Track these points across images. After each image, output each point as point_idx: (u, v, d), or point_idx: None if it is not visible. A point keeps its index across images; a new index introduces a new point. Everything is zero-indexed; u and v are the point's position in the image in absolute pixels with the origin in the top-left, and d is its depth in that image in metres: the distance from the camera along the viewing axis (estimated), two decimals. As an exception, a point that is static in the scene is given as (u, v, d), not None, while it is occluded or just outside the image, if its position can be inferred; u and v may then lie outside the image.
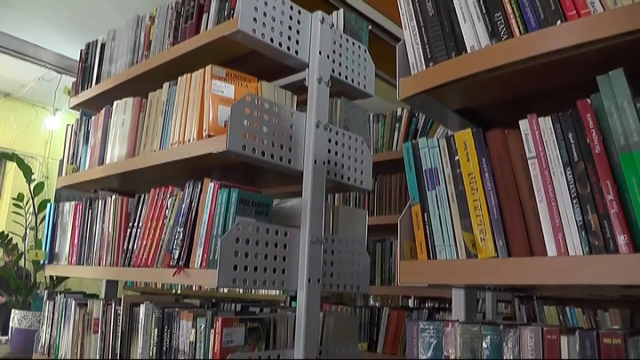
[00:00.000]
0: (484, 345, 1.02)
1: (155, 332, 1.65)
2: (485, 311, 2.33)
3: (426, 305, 3.67)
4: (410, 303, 3.89)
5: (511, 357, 0.99)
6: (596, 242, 0.91)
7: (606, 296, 4.67)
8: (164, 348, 1.63)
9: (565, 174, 0.96)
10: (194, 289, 4.53)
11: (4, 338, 3.19)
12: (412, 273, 1.09)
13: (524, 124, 1.02)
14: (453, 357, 1.05)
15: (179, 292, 4.61)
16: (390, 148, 3.18)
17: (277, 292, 4.07)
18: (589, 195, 0.93)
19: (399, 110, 3.25)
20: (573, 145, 0.96)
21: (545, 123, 1.00)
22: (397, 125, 3.20)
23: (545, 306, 4.14)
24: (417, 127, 3.11)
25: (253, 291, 4.39)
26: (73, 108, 2.50)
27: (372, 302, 3.98)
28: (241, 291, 4.35)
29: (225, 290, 4.42)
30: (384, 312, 2.86)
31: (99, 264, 2.01)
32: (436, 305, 3.50)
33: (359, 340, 2.81)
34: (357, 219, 1.91)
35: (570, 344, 0.93)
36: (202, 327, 1.53)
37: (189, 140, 1.68)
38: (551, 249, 0.95)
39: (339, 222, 1.82)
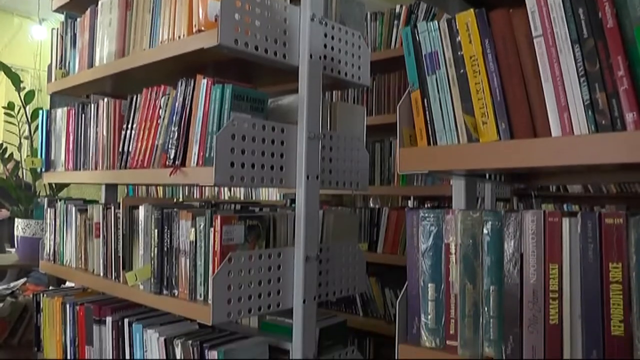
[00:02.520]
0: (485, 231, 1.01)
1: (156, 233, 1.65)
2: (485, 206, 2.34)
3: (425, 205, 3.70)
4: (410, 204, 3.92)
5: (512, 242, 0.98)
6: (603, 121, 0.87)
7: (604, 193, 4.72)
8: (165, 248, 1.64)
9: (573, 51, 0.91)
10: (194, 196, 4.57)
11: (12, 250, 3.24)
12: (412, 160, 1.07)
13: (530, 1, 0.96)
14: (454, 245, 1.05)
15: (180, 200, 4.65)
16: (388, 46, 3.08)
17: (277, 197, 4.10)
18: (598, 73, 0.88)
19: (397, 7, 3.12)
20: (583, 21, 0.90)
21: (554, -2, 0.93)
22: (395, 22, 3.09)
23: (543, 204, 4.19)
24: (416, 24, 3.00)
25: (254, 197, 4.42)
26: (57, 10, 2.40)
27: (371, 204, 4.00)
28: (242, 197, 4.38)
29: (226, 197, 4.46)
30: (384, 213, 2.87)
31: (96, 169, 1.99)
32: (436, 205, 3.53)
33: (358, 241, 2.84)
34: (355, 115, 1.87)
35: (572, 226, 0.92)
36: (201, 226, 1.53)
37: (179, 37, 1.61)
38: (555, 130, 0.92)
39: (336, 119, 1.78)
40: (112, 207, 1.88)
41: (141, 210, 1.71)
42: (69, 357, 2.13)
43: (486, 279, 1.00)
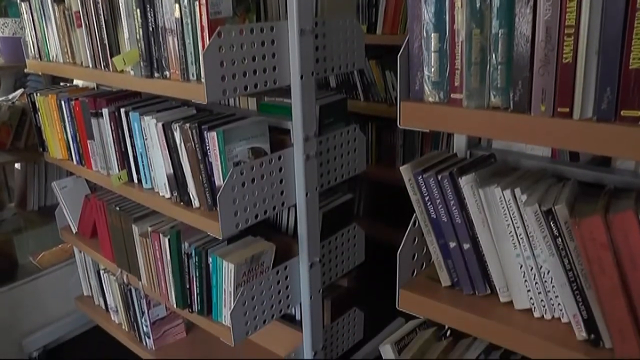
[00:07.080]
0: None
1: (138, 13, 1.53)
2: None
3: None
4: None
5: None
6: None
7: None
8: (150, 29, 1.53)
9: None
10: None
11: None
12: None
13: None
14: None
15: None
16: None
17: None
18: None
19: None
20: None
21: None
22: None
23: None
24: None
25: None
26: None
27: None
28: None
29: None
30: (383, -9, 2.70)
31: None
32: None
33: (357, 22, 2.71)
34: None
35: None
36: (185, 1, 1.41)
37: None
38: None
39: None
40: (89, -7, 1.74)
41: (119, -10, 1.58)
42: (73, 154, 2.14)
43: (495, 21, 0.92)
